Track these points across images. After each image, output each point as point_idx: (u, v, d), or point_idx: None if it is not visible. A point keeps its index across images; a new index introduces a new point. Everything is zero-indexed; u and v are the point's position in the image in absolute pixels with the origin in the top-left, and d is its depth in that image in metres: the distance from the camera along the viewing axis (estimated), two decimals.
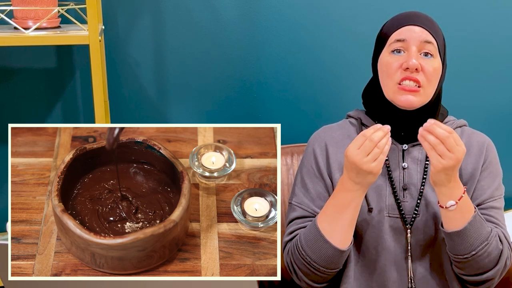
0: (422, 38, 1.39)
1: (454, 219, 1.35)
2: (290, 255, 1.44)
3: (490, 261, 1.38)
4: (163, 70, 1.95)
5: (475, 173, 1.45)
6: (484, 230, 1.36)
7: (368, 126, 1.49)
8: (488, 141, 1.50)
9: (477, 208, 1.41)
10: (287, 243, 1.47)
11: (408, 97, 1.39)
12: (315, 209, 1.46)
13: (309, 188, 1.48)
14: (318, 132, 1.55)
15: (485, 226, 1.37)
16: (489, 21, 2.07)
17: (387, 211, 1.43)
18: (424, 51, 1.39)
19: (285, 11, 1.96)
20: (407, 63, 1.37)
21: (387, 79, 1.41)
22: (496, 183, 1.47)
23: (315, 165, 1.49)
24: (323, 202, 1.46)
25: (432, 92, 1.41)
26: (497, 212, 1.45)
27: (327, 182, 1.48)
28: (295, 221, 1.48)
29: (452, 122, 1.50)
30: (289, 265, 1.45)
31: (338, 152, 1.48)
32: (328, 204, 1.39)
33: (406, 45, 1.40)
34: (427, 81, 1.39)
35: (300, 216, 1.47)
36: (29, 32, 1.59)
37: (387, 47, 1.42)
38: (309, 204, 1.47)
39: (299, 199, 1.49)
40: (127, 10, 1.88)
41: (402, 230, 1.43)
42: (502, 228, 1.44)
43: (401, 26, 1.41)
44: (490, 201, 1.45)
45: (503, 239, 1.41)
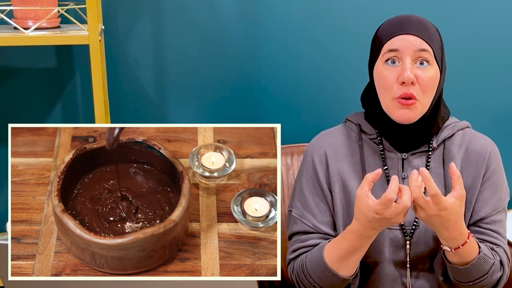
0: (417, 47, 1.34)
1: (456, 258, 1.34)
2: (295, 275, 1.44)
3: (489, 285, 1.38)
4: (163, 70, 1.95)
5: (476, 183, 1.42)
6: (486, 266, 1.34)
7: (367, 133, 1.46)
8: (491, 147, 1.46)
9: (477, 225, 1.40)
10: (290, 261, 1.47)
11: (405, 112, 1.35)
12: (316, 224, 1.45)
13: (308, 200, 1.47)
14: (316, 139, 1.52)
15: (488, 261, 1.34)
16: (489, 21, 2.07)
17: None
18: (420, 60, 1.35)
19: (285, 11, 1.96)
20: (402, 77, 1.33)
21: (384, 93, 1.38)
22: (499, 193, 1.43)
23: (314, 176, 1.47)
24: (323, 216, 1.45)
25: (429, 102, 1.38)
26: (500, 226, 1.43)
27: (326, 193, 1.46)
28: (297, 238, 1.47)
29: (454, 124, 1.47)
30: (295, 283, 1.46)
31: (337, 162, 1.46)
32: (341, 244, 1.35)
33: (400, 55, 1.35)
34: (422, 93, 1.35)
35: (302, 231, 1.47)
36: (29, 32, 1.59)
37: (381, 56, 1.38)
38: (309, 218, 1.46)
39: (299, 211, 1.48)
40: (127, 10, 1.88)
41: (402, 242, 1.41)
42: (504, 245, 1.42)
43: (394, 35, 1.36)
44: (493, 215, 1.42)
45: (504, 260, 1.39)
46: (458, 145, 1.45)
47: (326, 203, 1.46)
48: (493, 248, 1.40)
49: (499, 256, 1.39)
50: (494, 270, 1.36)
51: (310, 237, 1.45)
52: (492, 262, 1.35)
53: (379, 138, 1.45)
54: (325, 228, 1.45)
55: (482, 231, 1.41)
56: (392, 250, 1.41)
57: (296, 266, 1.44)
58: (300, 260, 1.43)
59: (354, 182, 1.43)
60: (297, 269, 1.43)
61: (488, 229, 1.41)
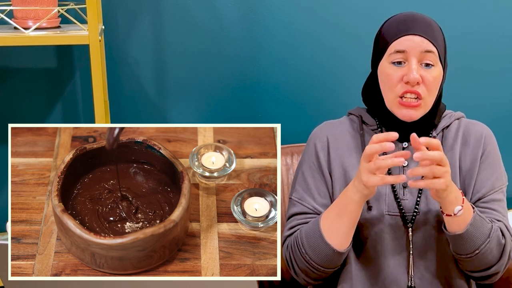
0: (423, 48, 1.37)
1: (457, 222, 1.34)
2: (289, 250, 1.45)
3: (494, 257, 1.38)
4: (163, 70, 1.95)
5: (474, 165, 1.45)
6: (485, 228, 1.36)
7: (369, 124, 1.49)
8: (486, 131, 1.49)
9: (476, 205, 1.41)
10: (286, 238, 1.48)
11: (409, 112, 1.39)
12: (315, 206, 1.46)
13: (309, 183, 1.48)
14: (319, 128, 1.54)
15: (485, 224, 1.37)
16: (489, 20, 2.07)
17: (387, 210, 1.43)
18: (425, 62, 1.38)
19: (285, 11, 1.96)
20: (408, 77, 1.36)
21: (388, 91, 1.41)
22: (496, 174, 1.46)
23: (316, 161, 1.49)
24: (323, 199, 1.47)
25: (432, 101, 1.41)
26: (499, 204, 1.45)
27: (327, 178, 1.48)
28: (295, 217, 1.48)
29: (450, 114, 1.50)
30: (288, 261, 1.46)
31: (339, 148, 1.48)
32: (332, 205, 1.39)
33: (406, 56, 1.38)
34: (427, 92, 1.38)
35: (300, 212, 1.48)
36: (29, 32, 1.59)
37: (387, 56, 1.40)
38: (309, 201, 1.47)
39: (299, 195, 1.49)
40: (127, 10, 1.88)
41: (403, 228, 1.43)
42: (505, 221, 1.43)
43: (401, 35, 1.39)
44: (491, 194, 1.44)
45: (506, 232, 1.41)
46: (455, 133, 1.49)
47: (326, 188, 1.48)
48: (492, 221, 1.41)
49: (498, 226, 1.40)
50: (495, 234, 1.36)
51: (308, 216, 1.46)
52: (490, 225, 1.37)
53: (380, 129, 1.47)
54: (324, 210, 1.45)
55: (481, 210, 1.43)
56: (392, 237, 1.43)
57: (291, 241, 1.45)
58: (295, 234, 1.44)
59: (354, 171, 1.45)
60: (292, 244, 1.44)
61: (487, 207, 1.43)
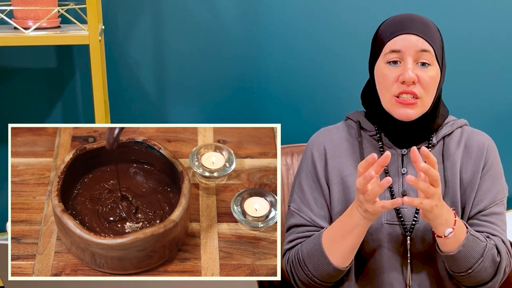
0: (418, 48, 1.36)
1: (449, 243, 1.34)
2: (290, 263, 1.45)
3: (488, 274, 1.38)
4: (163, 70, 1.95)
5: (475, 176, 1.44)
6: (479, 247, 1.35)
7: (367, 130, 1.48)
8: (489, 142, 1.48)
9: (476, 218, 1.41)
10: (286, 251, 1.48)
11: (406, 111, 1.37)
12: (313, 218, 1.46)
13: (306, 193, 1.48)
14: (316, 135, 1.53)
15: (479, 243, 1.35)
16: (489, 20, 2.07)
17: (385, 219, 1.42)
18: (421, 61, 1.36)
19: (285, 11, 1.96)
20: (404, 77, 1.35)
21: (384, 91, 1.40)
22: (497, 186, 1.45)
23: (313, 170, 1.48)
24: (321, 210, 1.46)
25: (430, 101, 1.40)
26: (498, 218, 1.43)
27: (324, 188, 1.47)
28: (294, 229, 1.48)
29: (452, 122, 1.48)
30: (289, 272, 1.46)
31: (336, 156, 1.47)
32: (335, 225, 1.38)
33: (402, 55, 1.37)
34: (424, 92, 1.37)
35: (299, 224, 1.47)
36: (29, 32, 1.59)
37: (383, 56, 1.39)
38: (306, 212, 1.47)
39: (297, 205, 1.48)
40: (127, 10, 1.88)
41: (401, 237, 1.41)
42: (502, 236, 1.42)
43: (396, 35, 1.38)
44: (491, 207, 1.43)
45: (502, 248, 1.40)
46: (457, 142, 1.46)
47: (323, 198, 1.47)
48: (488, 236, 1.40)
49: (494, 242, 1.39)
50: (489, 253, 1.36)
51: (307, 229, 1.46)
52: (484, 244, 1.36)
53: (378, 135, 1.46)
54: (322, 222, 1.46)
55: (480, 223, 1.42)
56: (391, 246, 1.42)
57: (291, 255, 1.45)
58: (296, 249, 1.44)
59: (353, 178, 1.44)
60: (293, 258, 1.44)
61: (486, 221, 1.42)
